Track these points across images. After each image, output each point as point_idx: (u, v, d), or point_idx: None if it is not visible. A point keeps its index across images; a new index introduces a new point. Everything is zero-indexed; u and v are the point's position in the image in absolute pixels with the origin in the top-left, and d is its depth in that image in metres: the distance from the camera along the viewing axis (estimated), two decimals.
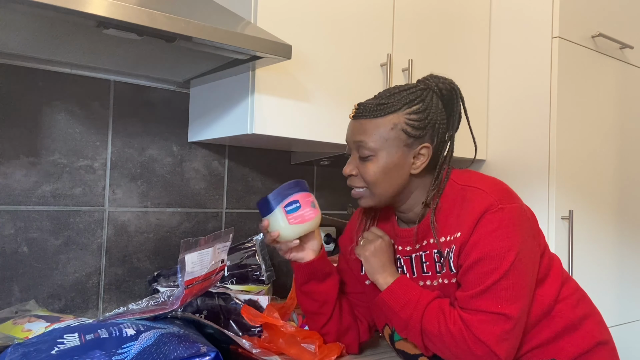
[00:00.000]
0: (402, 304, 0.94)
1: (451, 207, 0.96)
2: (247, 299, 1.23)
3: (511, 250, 0.89)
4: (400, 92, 0.98)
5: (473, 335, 0.87)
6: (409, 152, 0.97)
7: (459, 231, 0.93)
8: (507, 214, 0.90)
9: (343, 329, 1.10)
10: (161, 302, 0.96)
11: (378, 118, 0.96)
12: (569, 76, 1.65)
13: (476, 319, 0.88)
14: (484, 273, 0.89)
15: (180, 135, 1.49)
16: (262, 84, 1.23)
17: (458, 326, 0.88)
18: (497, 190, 0.94)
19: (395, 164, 0.97)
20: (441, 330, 0.90)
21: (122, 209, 1.39)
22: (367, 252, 1.01)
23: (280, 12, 1.25)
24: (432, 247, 0.99)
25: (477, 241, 0.90)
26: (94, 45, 1.09)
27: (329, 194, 1.81)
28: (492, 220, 0.90)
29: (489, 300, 0.88)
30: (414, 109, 0.96)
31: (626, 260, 1.86)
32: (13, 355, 0.85)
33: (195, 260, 0.92)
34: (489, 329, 0.87)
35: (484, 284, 0.88)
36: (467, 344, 0.87)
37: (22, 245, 1.25)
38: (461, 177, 0.99)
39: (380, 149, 0.96)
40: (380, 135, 0.96)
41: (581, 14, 1.70)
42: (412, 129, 0.96)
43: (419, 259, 1.02)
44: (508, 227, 0.90)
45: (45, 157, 1.28)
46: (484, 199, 0.92)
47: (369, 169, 0.97)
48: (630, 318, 1.87)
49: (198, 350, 0.87)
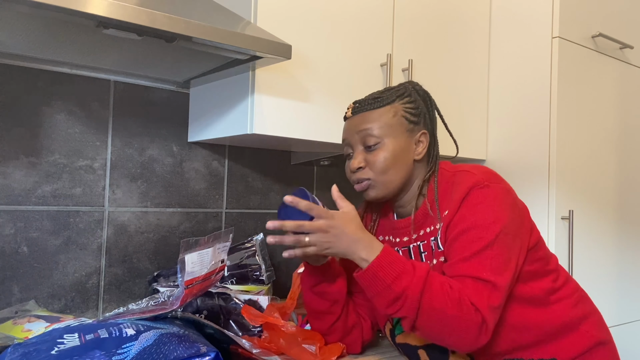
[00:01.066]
0: (396, 275, 0.86)
1: (444, 193, 0.99)
2: (247, 299, 1.23)
3: (497, 223, 0.90)
4: (389, 90, 1.05)
5: (470, 301, 0.85)
6: (410, 137, 1.02)
7: (447, 209, 0.96)
8: (493, 190, 0.93)
9: (349, 327, 1.10)
10: (161, 302, 0.96)
11: (378, 108, 1.01)
12: (569, 76, 1.65)
13: (464, 284, 0.86)
14: (469, 241, 0.89)
15: (180, 135, 1.49)
16: (262, 84, 1.23)
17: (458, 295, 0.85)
18: (484, 171, 0.98)
19: (402, 149, 1.00)
20: (442, 303, 0.84)
21: (122, 209, 1.39)
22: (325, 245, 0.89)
23: (280, 12, 1.25)
24: (429, 236, 1.00)
25: (463, 214, 0.92)
26: (94, 45, 1.09)
27: (329, 194, 1.81)
28: (477, 195, 0.92)
29: (476, 266, 0.87)
30: (406, 100, 1.03)
31: (626, 260, 1.86)
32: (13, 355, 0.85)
33: (195, 260, 0.92)
34: (479, 295, 0.85)
35: (469, 251, 0.89)
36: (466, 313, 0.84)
37: (22, 245, 1.25)
38: (451, 166, 1.04)
39: (387, 135, 1.00)
40: (384, 122, 1.00)
41: (581, 14, 1.70)
42: (410, 115, 1.02)
43: (417, 250, 1.02)
44: (495, 201, 0.92)
45: (45, 157, 1.28)
46: (471, 177, 0.95)
47: (379, 156, 0.99)
48: (630, 318, 1.87)
49: (198, 350, 0.87)
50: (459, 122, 1.70)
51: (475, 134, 1.76)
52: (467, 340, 0.85)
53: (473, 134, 1.76)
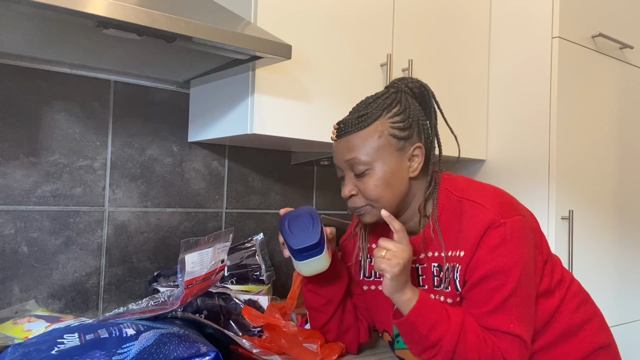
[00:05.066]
0: (431, 325, 0.87)
1: (450, 221, 0.95)
2: (247, 299, 1.23)
3: (517, 266, 0.88)
4: (376, 100, 0.96)
5: (503, 356, 0.87)
6: (402, 155, 0.95)
7: (462, 250, 0.92)
8: (510, 227, 0.89)
9: (344, 329, 1.10)
10: (161, 302, 0.96)
11: (362, 130, 0.93)
12: (569, 76, 1.65)
13: (496, 337, 0.88)
14: (492, 289, 0.88)
15: (180, 135, 1.49)
16: (262, 84, 1.23)
17: (492, 350, 0.87)
18: (497, 203, 0.92)
19: (393, 172, 0.94)
20: (475, 355, 0.87)
21: (122, 209, 1.39)
22: (396, 269, 0.88)
23: (280, 12, 1.25)
24: (430, 261, 0.97)
25: (482, 257, 0.89)
26: (94, 45, 1.09)
27: (329, 194, 1.81)
28: (495, 236, 0.89)
29: (502, 318, 0.88)
30: (394, 112, 0.95)
31: (626, 260, 1.86)
32: (13, 355, 0.85)
33: (195, 260, 0.92)
34: (510, 349, 0.87)
35: (494, 301, 0.88)
36: None
37: (22, 245, 1.25)
38: (457, 187, 0.97)
39: (374, 160, 0.93)
40: (370, 146, 0.93)
41: (581, 14, 1.70)
42: (399, 131, 0.94)
43: (415, 271, 1.00)
44: (512, 241, 0.89)
45: (45, 157, 1.28)
46: (485, 215, 0.90)
47: (369, 184, 0.94)
48: (630, 318, 1.87)
49: (198, 350, 0.87)
50: (459, 122, 1.70)
51: (475, 134, 1.76)
52: None
53: (473, 134, 1.76)
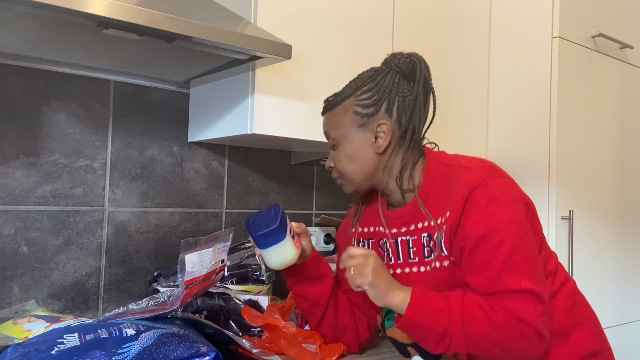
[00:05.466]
0: (433, 317, 0.86)
1: (439, 188, 0.95)
2: (247, 299, 1.23)
3: (511, 222, 0.86)
4: (355, 79, 1.02)
5: (517, 318, 0.82)
6: (365, 132, 0.98)
7: (447, 210, 0.91)
8: (497, 187, 0.89)
9: (340, 329, 1.09)
10: (161, 302, 0.96)
11: (335, 108, 1.01)
12: (569, 76, 1.65)
13: (508, 300, 0.83)
14: (491, 250, 0.85)
15: (180, 135, 1.49)
16: (262, 84, 1.23)
17: (501, 314, 0.83)
18: (485, 166, 0.93)
19: (355, 147, 0.98)
20: (487, 327, 0.83)
21: (122, 209, 1.39)
22: (370, 277, 0.89)
23: (280, 12, 1.25)
24: (420, 232, 0.97)
25: (473, 219, 0.87)
26: (94, 45, 1.09)
27: (329, 194, 1.81)
28: (482, 196, 0.87)
29: (510, 279, 0.84)
30: (364, 89, 0.99)
31: (626, 260, 1.86)
32: (13, 355, 0.85)
33: (195, 260, 0.92)
34: (525, 308, 0.83)
35: (496, 263, 0.85)
36: (516, 329, 0.83)
37: (22, 245, 1.25)
38: (446, 157, 0.99)
39: (340, 136, 1.00)
40: (336, 123, 1.00)
41: (581, 14, 1.70)
42: (362, 108, 0.98)
43: (405, 244, 1.00)
44: (501, 199, 0.88)
45: (45, 157, 1.28)
46: (472, 175, 0.90)
47: (336, 158, 1.01)
48: (630, 318, 1.87)
49: (198, 350, 0.87)
50: (459, 121, 1.70)
51: (475, 134, 1.76)
52: (527, 354, 0.85)
53: (473, 134, 1.76)
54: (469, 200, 0.88)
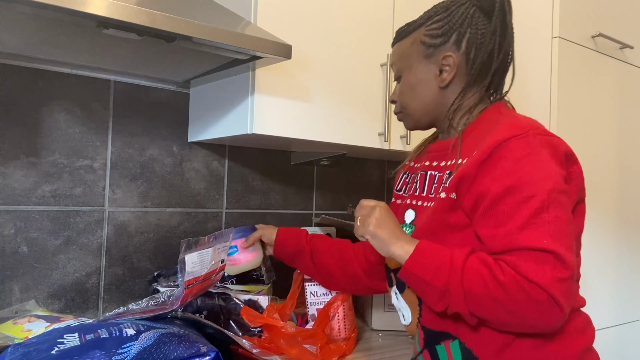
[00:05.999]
0: (434, 270, 0.79)
1: (481, 133, 0.87)
2: (247, 299, 1.23)
3: (548, 179, 0.76)
4: (430, 9, 0.96)
5: (526, 278, 0.72)
6: (430, 63, 0.93)
7: (475, 150, 0.83)
8: (539, 141, 0.79)
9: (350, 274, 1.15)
10: (161, 302, 0.96)
11: (404, 39, 0.97)
12: (569, 76, 1.65)
13: (522, 259, 0.73)
14: (517, 204, 0.75)
15: (180, 135, 1.49)
16: (262, 84, 1.23)
17: (508, 274, 0.73)
18: (535, 123, 0.84)
19: (419, 79, 0.94)
20: (489, 286, 0.74)
21: (122, 209, 1.39)
22: (371, 227, 0.86)
23: (280, 12, 1.25)
24: (445, 169, 0.91)
25: (504, 168, 0.78)
26: (94, 45, 1.09)
27: (329, 194, 1.81)
28: (520, 146, 0.78)
29: (532, 234, 0.73)
30: (435, 19, 0.93)
31: (626, 260, 1.86)
32: (13, 355, 0.85)
33: (195, 260, 0.92)
34: (539, 269, 0.72)
35: (519, 218, 0.75)
36: (524, 291, 0.72)
37: (22, 245, 1.25)
38: (508, 110, 0.92)
39: (404, 68, 0.96)
40: (402, 54, 0.96)
41: (581, 14, 1.70)
42: (429, 38, 0.92)
43: (432, 178, 0.93)
44: (540, 154, 0.78)
45: (45, 157, 1.28)
46: (513, 123, 0.82)
47: (399, 90, 0.97)
48: (630, 318, 1.87)
49: (198, 350, 0.87)
50: None
51: None
52: (538, 323, 0.74)
53: None
54: (502, 147, 0.79)
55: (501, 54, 0.91)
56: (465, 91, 0.92)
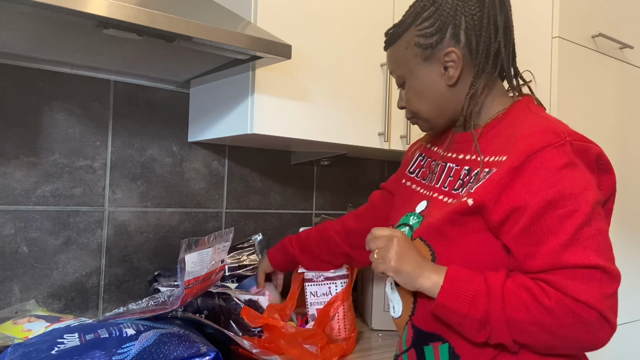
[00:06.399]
0: (470, 300, 0.73)
1: (506, 127, 0.82)
2: (247, 299, 1.23)
3: (589, 189, 0.72)
4: (415, 3, 0.89)
5: (574, 298, 0.68)
6: (432, 64, 0.87)
7: (505, 154, 0.77)
8: (576, 147, 0.75)
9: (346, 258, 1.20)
10: (161, 302, 0.96)
11: (395, 43, 0.91)
12: (569, 76, 1.65)
13: (569, 278, 0.69)
14: (560, 219, 0.71)
15: (180, 135, 1.49)
16: (262, 84, 1.23)
17: (554, 297, 0.69)
18: (570, 129, 0.78)
19: (424, 83, 0.88)
20: (534, 313, 0.70)
21: (122, 209, 1.39)
22: (392, 262, 0.79)
23: (280, 12, 1.25)
24: (464, 163, 0.87)
25: (542, 179, 0.72)
26: (94, 45, 1.09)
27: (329, 194, 1.81)
28: (558, 156, 0.73)
29: (577, 252, 0.69)
30: (424, 16, 0.86)
31: (626, 260, 1.86)
32: (13, 355, 0.85)
33: (195, 260, 0.92)
34: (588, 287, 0.68)
35: (563, 234, 0.70)
36: (573, 313, 0.68)
37: (22, 245, 1.25)
38: (535, 107, 0.87)
39: (405, 74, 0.90)
40: (399, 59, 0.91)
41: (581, 14, 1.70)
42: (424, 38, 0.86)
43: (449, 170, 0.89)
44: (578, 164, 0.74)
45: (45, 157, 1.28)
46: (547, 128, 0.76)
47: (406, 97, 0.92)
48: (630, 318, 1.87)
49: (198, 350, 0.87)
50: None
51: None
52: (588, 343, 0.72)
53: None
54: (537, 156, 0.73)
55: (501, 31, 0.86)
56: (475, 82, 0.86)
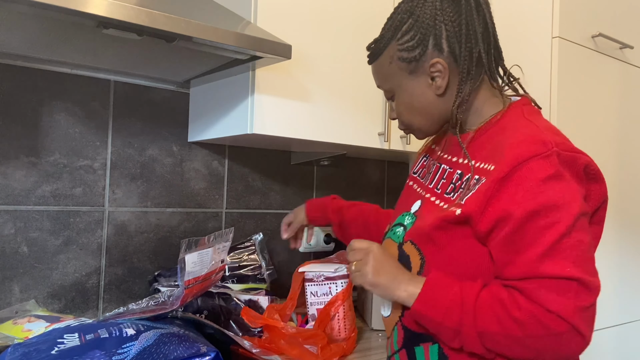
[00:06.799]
0: (444, 311, 0.76)
1: (498, 132, 0.83)
2: (247, 299, 1.23)
3: (573, 202, 0.72)
4: (392, 15, 0.90)
5: (545, 309, 0.69)
6: (418, 77, 0.87)
7: (492, 164, 0.78)
8: (562, 158, 0.74)
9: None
10: (161, 302, 0.96)
11: (378, 59, 0.91)
12: (569, 76, 1.65)
13: (544, 287, 0.70)
14: (540, 229, 0.71)
15: (180, 135, 1.49)
16: (262, 84, 1.23)
17: (525, 309, 0.71)
18: (561, 137, 0.78)
19: (413, 96, 0.88)
20: (505, 325, 0.72)
21: (122, 209, 1.39)
22: (369, 276, 0.83)
23: (280, 12, 1.25)
24: (456, 167, 0.88)
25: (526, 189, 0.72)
26: (94, 45, 1.09)
27: (329, 194, 1.81)
28: (542, 166, 0.72)
29: (553, 263, 0.70)
30: (404, 30, 0.86)
31: (626, 260, 1.86)
32: (13, 355, 0.85)
33: (195, 260, 0.92)
34: (561, 299, 0.69)
35: (542, 244, 0.70)
36: (543, 325, 0.69)
37: (22, 245, 1.25)
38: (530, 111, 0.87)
39: (393, 88, 0.91)
40: (384, 75, 0.91)
41: (581, 14, 1.70)
42: (406, 52, 0.86)
43: (443, 172, 0.91)
44: (564, 174, 0.73)
45: (45, 157, 1.28)
46: (534, 137, 0.75)
47: (398, 110, 0.93)
48: (630, 318, 1.87)
49: (198, 350, 0.87)
50: None
51: None
52: (560, 354, 0.72)
53: None
54: (523, 167, 0.73)
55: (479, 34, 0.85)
56: (461, 88, 0.85)
